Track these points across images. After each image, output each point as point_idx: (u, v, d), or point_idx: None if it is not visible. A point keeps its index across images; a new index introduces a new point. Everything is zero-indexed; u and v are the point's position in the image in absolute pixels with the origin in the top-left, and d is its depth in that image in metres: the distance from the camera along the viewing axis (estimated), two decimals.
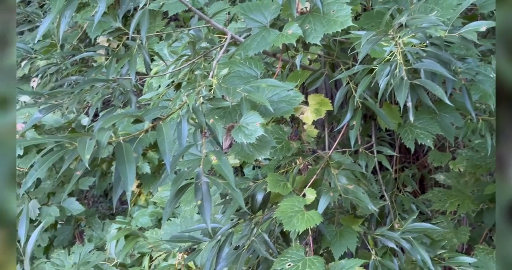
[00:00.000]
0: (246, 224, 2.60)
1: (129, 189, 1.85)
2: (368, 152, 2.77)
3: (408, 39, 2.20)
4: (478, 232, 3.39)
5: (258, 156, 2.21)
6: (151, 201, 3.71)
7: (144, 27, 2.35)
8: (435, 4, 2.60)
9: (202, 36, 2.56)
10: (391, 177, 3.14)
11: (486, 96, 2.59)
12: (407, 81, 2.20)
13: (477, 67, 2.65)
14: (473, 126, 2.70)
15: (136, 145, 2.00)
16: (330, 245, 2.60)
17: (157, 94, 2.95)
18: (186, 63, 2.66)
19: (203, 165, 2.07)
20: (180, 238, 2.71)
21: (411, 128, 2.64)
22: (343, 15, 2.34)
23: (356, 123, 2.55)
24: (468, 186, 3.29)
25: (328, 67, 2.67)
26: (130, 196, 3.26)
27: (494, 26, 3.25)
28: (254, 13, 2.44)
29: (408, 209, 3.01)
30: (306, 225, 2.39)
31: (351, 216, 2.69)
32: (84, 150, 1.78)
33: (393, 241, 2.61)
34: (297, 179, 2.60)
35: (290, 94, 2.33)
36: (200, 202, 2.04)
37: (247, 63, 2.45)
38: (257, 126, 2.09)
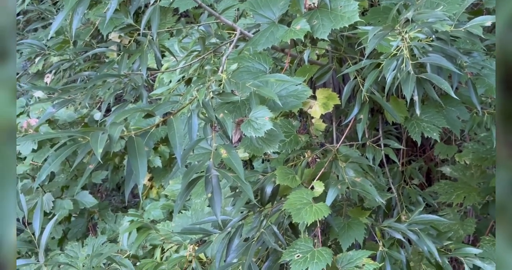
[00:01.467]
0: (256, 216, 2.61)
1: (141, 182, 1.86)
2: (375, 145, 2.77)
3: (415, 34, 2.20)
4: (484, 223, 3.38)
5: (267, 149, 2.21)
6: (163, 194, 3.73)
7: (155, 24, 2.35)
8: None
9: (212, 32, 2.57)
10: (398, 170, 3.13)
11: (492, 90, 2.59)
12: (413, 75, 2.20)
13: (482, 62, 2.65)
14: (479, 119, 2.70)
15: (147, 139, 2.01)
16: (338, 236, 2.60)
17: (168, 89, 2.96)
18: (196, 58, 2.67)
19: (213, 159, 2.08)
20: (191, 230, 2.72)
21: (418, 121, 2.64)
22: (350, 11, 2.34)
23: (364, 117, 2.54)
24: (474, 178, 3.28)
25: (336, 62, 2.67)
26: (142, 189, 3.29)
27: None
28: (262, 9, 2.44)
29: (415, 201, 3.01)
30: (314, 217, 2.39)
31: (358, 208, 2.69)
32: (96, 144, 1.79)
33: (400, 233, 2.62)
34: (306, 172, 2.61)
35: (298, 88, 2.33)
36: (210, 195, 2.05)
37: (256, 59, 2.46)
38: (266, 120, 2.10)
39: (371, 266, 2.46)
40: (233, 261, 2.56)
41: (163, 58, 3.41)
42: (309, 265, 2.37)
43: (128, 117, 3.79)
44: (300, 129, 2.75)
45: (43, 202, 3.62)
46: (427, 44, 2.24)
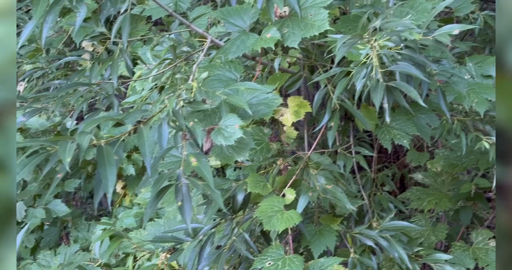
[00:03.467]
0: (227, 224, 2.61)
1: (110, 191, 1.86)
2: (346, 152, 2.78)
3: (384, 42, 2.22)
4: (455, 229, 3.41)
5: (237, 157, 2.21)
6: (135, 202, 3.72)
7: (125, 32, 2.35)
8: (410, 7, 2.62)
9: (183, 40, 2.57)
10: (369, 177, 3.15)
11: (461, 97, 2.61)
12: (382, 83, 2.22)
13: (452, 69, 2.67)
14: (449, 126, 2.72)
15: (117, 147, 2.00)
16: (309, 243, 2.61)
17: (141, 97, 2.95)
18: (168, 66, 2.67)
19: (184, 167, 2.08)
20: (163, 238, 2.72)
21: (388, 129, 2.66)
22: (320, 19, 2.35)
23: (334, 124, 2.56)
24: (445, 185, 3.31)
25: (307, 70, 2.68)
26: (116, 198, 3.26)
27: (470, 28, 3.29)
28: (233, 17, 2.45)
29: (386, 208, 3.03)
30: (286, 224, 2.40)
31: (330, 215, 2.71)
32: (64, 153, 1.78)
33: (371, 239, 2.63)
34: (277, 179, 2.61)
35: (268, 97, 2.34)
36: (180, 203, 2.05)
37: (227, 67, 2.46)
38: (236, 128, 2.10)
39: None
40: (204, 269, 2.56)
41: (136, 66, 3.41)
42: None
43: (102, 125, 3.78)
44: (272, 137, 2.76)
45: (16, 210, 3.60)
46: (396, 52, 2.26)
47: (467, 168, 3.28)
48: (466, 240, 3.21)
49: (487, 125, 2.72)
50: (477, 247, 3.12)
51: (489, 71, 2.80)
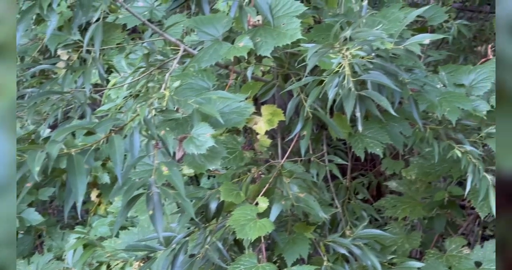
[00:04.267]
0: (201, 232, 2.62)
1: (80, 200, 1.87)
2: (320, 161, 2.80)
3: (356, 51, 2.24)
4: (429, 237, 3.43)
5: (209, 166, 2.21)
6: (110, 210, 3.71)
7: (97, 40, 2.36)
8: (382, 17, 2.65)
9: (156, 49, 2.57)
10: (343, 185, 3.17)
11: (433, 106, 2.64)
12: (354, 92, 2.24)
13: (424, 78, 2.69)
14: (421, 135, 2.75)
15: (88, 156, 2.01)
16: (283, 252, 2.61)
17: (115, 105, 2.96)
18: (143, 75, 2.67)
19: (155, 176, 2.09)
20: (136, 247, 2.72)
21: (361, 137, 2.68)
22: (292, 28, 2.37)
23: (307, 133, 2.57)
24: (419, 193, 3.34)
25: (281, 78, 2.69)
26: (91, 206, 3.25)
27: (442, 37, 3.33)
28: (206, 26, 2.46)
29: (360, 216, 3.05)
30: (259, 233, 2.41)
31: (303, 224, 2.71)
32: (33, 162, 1.79)
33: (344, 248, 2.64)
34: (251, 188, 2.62)
35: (241, 105, 2.35)
36: (151, 212, 2.05)
37: (199, 76, 2.47)
38: (207, 137, 2.11)
39: None
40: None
41: (111, 74, 3.40)
42: None
43: (77, 133, 3.77)
44: (245, 145, 2.76)
45: None
46: (368, 61, 2.28)
47: (441, 176, 3.30)
48: (440, 247, 3.23)
49: (459, 134, 2.75)
50: (451, 254, 3.14)
51: (462, 80, 2.83)
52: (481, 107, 2.72)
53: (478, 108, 2.72)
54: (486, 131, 2.75)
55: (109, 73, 3.56)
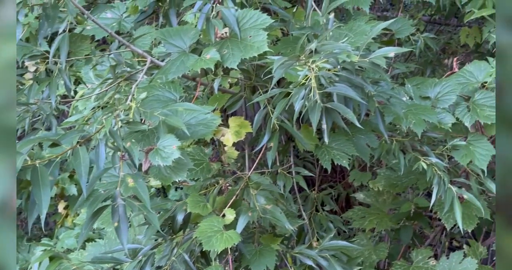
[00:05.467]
0: (167, 244, 2.62)
1: (44, 213, 1.86)
2: (287, 172, 2.81)
3: (322, 64, 2.26)
4: (396, 248, 3.46)
5: (175, 177, 2.22)
6: (77, 222, 3.69)
7: (63, 52, 2.36)
8: (349, 30, 2.67)
9: (123, 60, 2.58)
10: (310, 197, 3.19)
11: (399, 118, 2.67)
12: (319, 104, 2.26)
13: (390, 91, 2.72)
14: (387, 147, 2.77)
15: (52, 168, 2.00)
16: (249, 263, 2.61)
17: (82, 117, 2.95)
18: (110, 86, 2.67)
19: (120, 187, 2.09)
20: (102, 259, 2.71)
21: (328, 149, 2.70)
22: (259, 41, 2.38)
23: (274, 145, 2.59)
24: (386, 204, 3.36)
25: (248, 90, 2.71)
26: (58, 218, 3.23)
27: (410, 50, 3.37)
28: (173, 38, 2.47)
29: (326, 228, 3.06)
30: (225, 244, 2.41)
31: (270, 235, 2.72)
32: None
33: (311, 259, 2.66)
34: (218, 200, 2.62)
35: (207, 117, 2.35)
36: (116, 224, 2.05)
37: (166, 87, 2.47)
38: (173, 149, 2.11)
39: None
40: None
41: (79, 85, 3.40)
42: None
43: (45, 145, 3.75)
44: (213, 157, 2.77)
45: None
46: (334, 74, 2.30)
47: (408, 187, 3.33)
48: (407, 258, 3.26)
49: (425, 146, 2.79)
50: (417, 265, 3.17)
51: (427, 92, 2.87)
52: (446, 120, 2.75)
53: (444, 120, 2.75)
54: (452, 144, 2.79)
55: (77, 84, 3.56)
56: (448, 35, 4.78)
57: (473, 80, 2.90)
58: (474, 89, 2.86)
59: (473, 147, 2.79)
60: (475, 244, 3.28)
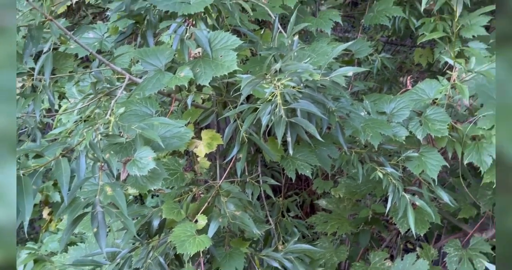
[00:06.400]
0: (144, 248, 2.61)
1: (27, 220, 1.85)
2: (255, 181, 2.82)
3: (286, 82, 2.28)
4: (355, 251, 3.48)
5: (150, 186, 2.21)
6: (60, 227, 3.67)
7: (47, 70, 2.34)
8: (312, 51, 2.70)
9: (103, 77, 2.57)
10: (276, 203, 3.19)
11: (357, 131, 2.69)
12: (284, 119, 2.27)
13: (350, 106, 2.75)
14: (347, 158, 2.79)
15: (35, 178, 1.99)
16: (220, 265, 2.62)
17: (66, 129, 2.93)
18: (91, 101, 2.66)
19: (101, 196, 2.08)
20: (82, 262, 2.69)
21: (293, 160, 2.71)
22: (229, 60, 2.39)
23: (243, 156, 2.59)
24: (347, 210, 3.38)
25: (219, 106, 2.72)
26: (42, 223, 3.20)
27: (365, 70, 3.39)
28: (150, 57, 2.46)
29: (291, 232, 3.07)
30: (197, 248, 2.42)
31: (239, 239, 2.73)
32: None
33: (277, 261, 2.67)
34: (191, 206, 2.63)
35: (181, 130, 2.35)
36: (96, 230, 2.04)
37: (143, 103, 2.47)
38: (149, 160, 2.11)
39: None
40: None
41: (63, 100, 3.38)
42: None
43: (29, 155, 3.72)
44: (186, 167, 2.77)
45: None
46: (298, 91, 2.32)
47: (366, 195, 3.36)
48: (365, 260, 3.27)
49: (381, 157, 2.81)
50: (375, 266, 3.18)
51: (383, 108, 2.89)
52: (400, 133, 2.78)
53: (398, 134, 2.77)
54: (405, 155, 2.82)
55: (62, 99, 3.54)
56: (404, 55, 4.82)
57: (425, 97, 2.93)
58: (425, 105, 2.89)
59: (425, 158, 2.82)
60: (427, 247, 3.30)
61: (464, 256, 3.16)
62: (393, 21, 3.46)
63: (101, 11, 4.05)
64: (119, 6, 2.67)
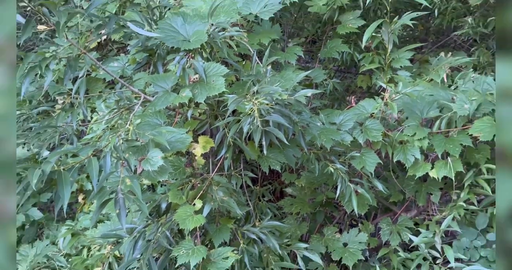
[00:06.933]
0: (154, 224, 2.59)
1: (65, 204, 1.84)
2: (238, 174, 2.81)
3: (262, 100, 2.29)
4: (313, 226, 3.46)
5: (159, 178, 2.20)
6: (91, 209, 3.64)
7: (82, 90, 2.32)
8: (281, 77, 2.70)
9: (124, 96, 2.56)
10: (254, 191, 3.18)
11: (315, 137, 2.69)
12: (260, 128, 2.28)
13: (309, 119, 2.75)
14: (307, 157, 2.80)
15: (72, 172, 1.98)
16: (212, 237, 2.62)
17: (96, 135, 2.91)
18: (115, 114, 2.65)
19: (122, 185, 2.07)
20: (108, 235, 2.67)
21: (266, 158, 2.70)
22: (219, 84, 2.38)
23: (229, 155, 2.59)
24: (307, 196, 3.36)
25: (212, 118, 2.71)
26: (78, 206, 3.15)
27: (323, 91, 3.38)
28: (159, 81, 2.45)
29: (265, 212, 3.06)
30: (195, 224, 2.41)
31: (226, 218, 2.72)
32: (32, 176, 1.75)
33: (254, 234, 2.66)
34: (190, 193, 2.61)
35: (183, 136, 2.34)
36: (118, 211, 2.03)
37: (154, 115, 2.46)
38: (158, 158, 2.10)
39: (234, 258, 2.49)
40: (137, 256, 2.52)
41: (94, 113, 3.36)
42: (190, 258, 2.37)
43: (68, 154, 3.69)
44: (187, 163, 2.76)
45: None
46: (271, 107, 2.32)
47: (321, 184, 3.35)
48: (321, 233, 3.27)
49: (332, 156, 2.81)
50: (328, 238, 3.18)
51: (334, 120, 2.90)
52: (346, 139, 2.79)
53: (345, 139, 2.79)
54: (350, 155, 2.83)
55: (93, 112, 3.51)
56: (350, 80, 4.83)
57: (365, 111, 2.95)
58: (365, 118, 2.90)
59: (365, 157, 2.83)
60: (367, 223, 3.31)
61: (393, 230, 3.18)
62: (341, 55, 3.48)
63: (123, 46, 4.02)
64: (136, 43, 2.65)
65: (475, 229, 3.05)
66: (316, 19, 3.66)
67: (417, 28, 4.68)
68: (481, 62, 3.74)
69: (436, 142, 2.74)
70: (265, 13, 2.84)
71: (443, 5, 3.77)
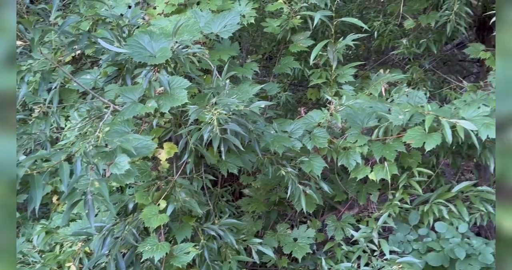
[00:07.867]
0: (122, 223, 2.56)
1: (37, 205, 1.81)
2: (199, 177, 2.80)
3: (220, 111, 2.29)
4: (267, 223, 3.47)
5: (126, 181, 2.17)
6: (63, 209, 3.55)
7: (55, 101, 2.28)
8: (238, 90, 2.71)
9: (95, 106, 2.52)
10: (214, 192, 3.18)
11: (268, 144, 2.71)
12: (219, 135, 2.28)
13: (263, 127, 2.77)
14: (262, 161, 2.81)
15: (44, 176, 1.94)
16: (175, 234, 2.60)
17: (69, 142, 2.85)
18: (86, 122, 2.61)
19: (91, 187, 2.04)
20: (79, 233, 2.63)
21: (225, 162, 2.70)
22: (182, 95, 2.37)
23: (191, 160, 2.58)
24: (262, 196, 3.37)
25: (176, 126, 2.70)
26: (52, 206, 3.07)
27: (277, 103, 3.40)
28: (128, 93, 2.43)
29: (224, 211, 3.06)
30: (159, 222, 2.40)
31: (189, 216, 2.71)
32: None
33: (214, 231, 2.66)
34: (155, 194, 2.59)
35: (148, 143, 2.33)
36: (87, 211, 2.00)
37: (123, 124, 2.44)
38: (125, 163, 2.08)
39: (195, 252, 2.49)
40: (106, 252, 2.49)
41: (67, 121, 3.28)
42: (154, 253, 2.36)
43: None
44: (153, 167, 2.74)
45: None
46: (228, 117, 2.33)
47: (275, 185, 3.37)
48: (274, 229, 3.28)
49: (284, 161, 2.84)
50: (280, 234, 3.21)
51: (286, 128, 2.93)
52: (297, 145, 2.82)
53: (295, 145, 2.82)
54: (300, 160, 2.86)
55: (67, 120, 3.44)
56: (301, 93, 4.88)
57: (313, 121, 2.99)
58: (313, 127, 2.94)
59: (313, 161, 2.87)
60: (314, 220, 3.35)
61: (338, 226, 3.23)
62: (293, 70, 3.52)
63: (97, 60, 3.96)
64: (107, 58, 2.63)
65: (408, 225, 3.13)
66: (271, 38, 3.68)
67: (360, 48, 4.78)
68: (414, 78, 3.85)
69: (375, 148, 2.80)
70: (225, 33, 2.85)
71: (382, 28, 3.88)
